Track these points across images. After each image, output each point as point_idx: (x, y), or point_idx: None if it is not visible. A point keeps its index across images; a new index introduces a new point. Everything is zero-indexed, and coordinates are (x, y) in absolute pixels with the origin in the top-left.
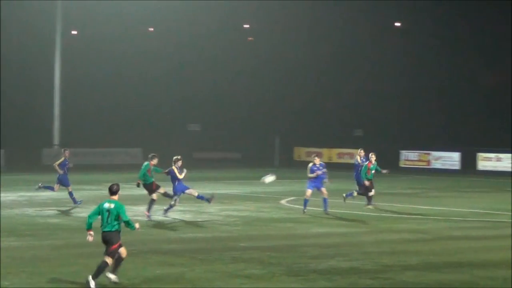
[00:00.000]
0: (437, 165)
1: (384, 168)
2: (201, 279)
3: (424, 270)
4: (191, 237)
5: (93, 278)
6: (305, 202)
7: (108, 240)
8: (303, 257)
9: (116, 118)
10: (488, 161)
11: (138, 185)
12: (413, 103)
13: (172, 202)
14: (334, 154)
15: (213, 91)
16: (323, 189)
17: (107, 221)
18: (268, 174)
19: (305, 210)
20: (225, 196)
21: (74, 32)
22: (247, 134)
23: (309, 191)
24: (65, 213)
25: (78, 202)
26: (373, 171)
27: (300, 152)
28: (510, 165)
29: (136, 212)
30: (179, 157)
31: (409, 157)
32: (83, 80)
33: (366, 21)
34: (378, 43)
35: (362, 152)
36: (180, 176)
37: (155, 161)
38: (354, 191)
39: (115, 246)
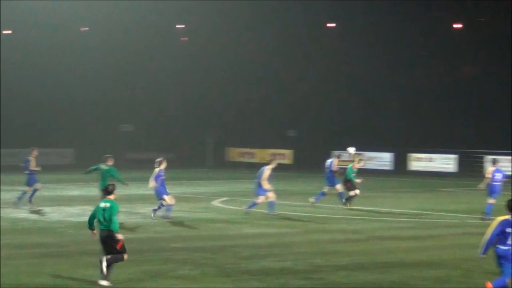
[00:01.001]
0: (369, 165)
1: (319, 169)
2: (133, 279)
3: (356, 270)
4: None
5: (107, 261)
6: (255, 205)
7: (110, 238)
8: (235, 257)
9: (48, 118)
10: (419, 162)
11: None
12: (344, 103)
13: (164, 202)
14: (266, 154)
15: (145, 90)
16: (270, 193)
17: (104, 220)
18: (351, 146)
19: (248, 211)
20: None
21: (7, 32)
22: (180, 134)
23: (262, 198)
24: None
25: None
26: (353, 174)
27: (233, 153)
28: (441, 165)
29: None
30: (162, 158)
31: (341, 157)
32: (14, 80)
33: (300, 21)
34: (311, 43)
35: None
36: (152, 184)
37: (111, 162)
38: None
39: (121, 242)
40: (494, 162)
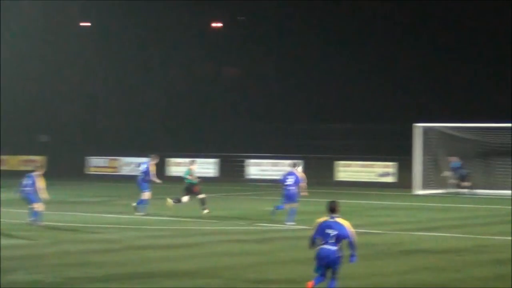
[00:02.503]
0: (126, 171)
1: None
2: None
3: (110, 282)
4: None
5: None
6: (37, 214)
7: None
8: None
9: None
10: (178, 167)
11: None
12: (101, 108)
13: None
14: (17, 161)
15: None
16: (41, 204)
17: None
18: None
19: (35, 223)
20: None
21: None
22: None
23: (39, 205)
24: None
25: None
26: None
27: None
28: (201, 170)
29: None
30: None
31: (96, 163)
32: None
33: (51, 21)
34: (64, 43)
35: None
36: None
37: None
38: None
39: None
40: (294, 165)
